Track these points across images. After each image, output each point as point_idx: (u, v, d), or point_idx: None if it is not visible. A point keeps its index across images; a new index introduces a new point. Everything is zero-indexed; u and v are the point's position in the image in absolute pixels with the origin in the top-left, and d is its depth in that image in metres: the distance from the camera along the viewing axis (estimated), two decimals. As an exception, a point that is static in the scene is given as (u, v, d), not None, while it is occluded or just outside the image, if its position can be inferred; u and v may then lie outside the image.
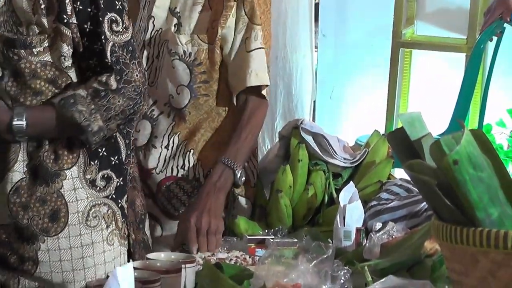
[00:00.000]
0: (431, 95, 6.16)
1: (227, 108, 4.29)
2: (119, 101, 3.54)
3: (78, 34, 3.64)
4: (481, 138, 2.11)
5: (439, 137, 2.30)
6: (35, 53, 3.54)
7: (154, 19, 4.28)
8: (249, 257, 3.37)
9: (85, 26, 3.62)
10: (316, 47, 6.50)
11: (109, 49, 3.58)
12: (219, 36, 4.16)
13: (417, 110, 5.90)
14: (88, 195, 3.60)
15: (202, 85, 4.16)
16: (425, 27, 6.42)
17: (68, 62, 3.58)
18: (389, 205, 3.45)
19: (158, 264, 3.19)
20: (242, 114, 4.17)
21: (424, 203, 3.36)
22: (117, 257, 3.71)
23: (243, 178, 4.01)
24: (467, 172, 2.02)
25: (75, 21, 3.59)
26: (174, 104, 4.25)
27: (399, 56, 6.32)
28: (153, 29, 4.29)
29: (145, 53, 4.36)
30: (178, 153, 4.24)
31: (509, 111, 6.11)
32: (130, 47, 3.64)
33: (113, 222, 3.66)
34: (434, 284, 2.79)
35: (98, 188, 3.60)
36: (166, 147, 4.23)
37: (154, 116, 4.25)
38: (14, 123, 3.47)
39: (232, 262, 3.35)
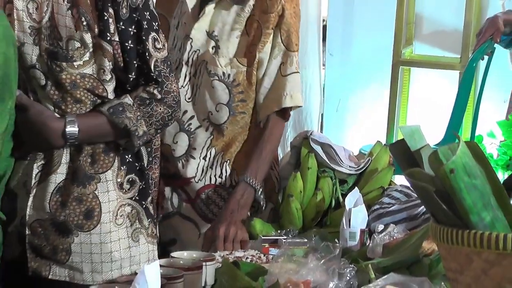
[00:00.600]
0: (428, 108, 6.15)
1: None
2: (160, 109, 3.70)
3: (119, 50, 3.74)
4: (475, 148, 2.11)
5: (436, 147, 2.30)
6: (76, 66, 3.64)
7: (192, 40, 4.24)
8: (264, 256, 3.37)
9: (127, 44, 3.73)
10: (323, 65, 6.52)
11: (152, 64, 3.73)
12: (257, 60, 4.10)
13: (415, 122, 5.90)
14: (117, 196, 3.69)
15: (239, 103, 4.15)
16: (422, 47, 6.41)
17: (107, 76, 3.68)
18: (390, 209, 3.46)
19: (181, 262, 3.21)
20: (263, 133, 4.20)
21: (422, 207, 3.36)
22: (144, 253, 3.78)
23: (262, 196, 4.00)
24: (462, 180, 2.03)
25: (117, 39, 3.72)
26: (213, 120, 4.23)
27: (399, 73, 6.32)
28: (190, 49, 4.24)
29: (183, 70, 4.32)
30: (215, 163, 4.25)
31: (499, 123, 6.09)
32: (168, 62, 3.82)
33: (137, 221, 3.75)
34: (431, 281, 2.79)
35: (124, 190, 3.70)
36: (204, 158, 4.24)
37: (192, 130, 4.24)
38: (68, 129, 3.56)
39: (248, 260, 3.36)
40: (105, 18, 3.66)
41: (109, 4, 3.67)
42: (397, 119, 6.30)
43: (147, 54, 3.74)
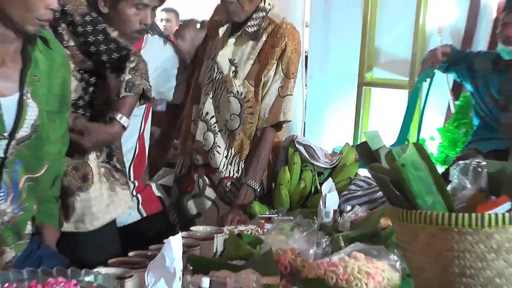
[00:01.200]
0: (384, 118, 6.15)
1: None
2: (141, 66, 3.57)
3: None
4: (420, 148, 2.23)
5: (390, 147, 2.36)
6: None
7: (217, 64, 4.20)
8: (260, 229, 3.38)
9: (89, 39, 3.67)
10: (306, 86, 6.49)
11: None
12: (262, 82, 4.12)
13: (375, 128, 5.91)
14: (96, 162, 3.65)
15: (248, 115, 4.15)
16: (380, 72, 6.38)
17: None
18: (356, 194, 3.51)
19: (198, 234, 3.22)
20: (260, 142, 4.14)
21: (380, 192, 3.38)
22: (121, 198, 3.74)
23: (260, 191, 3.97)
24: (410, 172, 2.12)
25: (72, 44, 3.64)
26: (229, 127, 4.20)
27: (362, 92, 6.31)
28: (217, 71, 4.21)
29: (212, 86, 4.26)
30: (234, 161, 4.21)
31: (438, 129, 6.12)
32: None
33: (111, 177, 3.72)
34: (387, 248, 2.81)
35: (97, 156, 3.65)
36: (226, 156, 4.20)
37: (216, 131, 4.21)
38: (125, 125, 3.48)
39: (249, 232, 3.35)
40: (59, 32, 3.54)
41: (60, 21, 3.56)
42: (361, 126, 6.29)
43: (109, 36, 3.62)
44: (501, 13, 5.58)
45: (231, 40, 4.19)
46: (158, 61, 4.01)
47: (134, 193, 3.95)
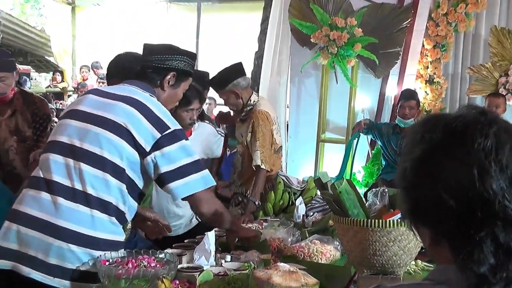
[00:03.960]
0: (332, 161, 6.06)
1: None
2: None
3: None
4: (350, 182, 2.22)
5: (333, 179, 2.35)
6: None
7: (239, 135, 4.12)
8: (260, 226, 3.32)
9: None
10: (287, 141, 6.41)
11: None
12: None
13: (326, 168, 5.88)
14: None
15: (242, 157, 4.06)
16: (329, 134, 6.31)
17: None
18: (315, 206, 3.44)
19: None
20: (257, 173, 3.90)
21: (327, 206, 3.38)
22: None
23: (258, 204, 3.79)
24: (344, 196, 2.14)
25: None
26: (237, 165, 4.11)
27: (319, 146, 6.24)
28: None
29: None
30: (244, 182, 4.09)
31: (362, 167, 6.10)
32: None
33: None
34: (332, 238, 2.78)
35: None
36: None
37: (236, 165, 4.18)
38: None
39: (253, 228, 3.29)
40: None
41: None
42: (319, 165, 6.21)
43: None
44: (398, 100, 5.64)
45: (238, 124, 4.11)
46: (204, 134, 3.92)
47: None
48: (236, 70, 4.01)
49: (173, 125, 2.29)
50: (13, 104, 3.36)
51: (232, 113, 4.43)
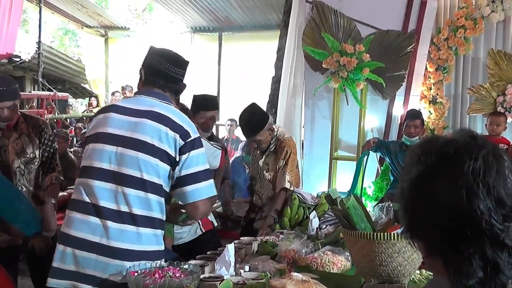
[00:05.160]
0: (344, 178, 6.03)
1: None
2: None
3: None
4: (358, 198, 2.20)
5: (343, 194, 2.35)
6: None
7: (262, 164, 4.17)
8: (277, 239, 3.30)
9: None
10: (302, 158, 6.36)
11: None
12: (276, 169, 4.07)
13: (338, 184, 5.85)
14: None
15: (272, 183, 4.07)
16: (341, 152, 6.33)
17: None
18: (327, 219, 3.41)
19: (243, 241, 3.09)
20: (276, 199, 3.96)
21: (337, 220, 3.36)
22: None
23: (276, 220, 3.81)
24: (352, 211, 2.11)
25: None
26: (262, 187, 4.17)
27: (332, 163, 6.24)
28: (261, 169, 4.15)
29: (258, 175, 4.23)
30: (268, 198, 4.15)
31: (372, 182, 6.06)
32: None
33: None
34: (343, 249, 2.77)
35: None
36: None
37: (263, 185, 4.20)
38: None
39: (271, 240, 3.26)
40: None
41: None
42: (332, 181, 6.20)
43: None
44: (404, 120, 5.64)
45: (265, 155, 4.12)
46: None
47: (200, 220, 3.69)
48: (262, 111, 4.17)
49: (194, 133, 2.30)
50: (18, 127, 3.31)
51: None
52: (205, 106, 4.02)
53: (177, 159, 2.25)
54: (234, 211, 5.23)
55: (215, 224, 3.91)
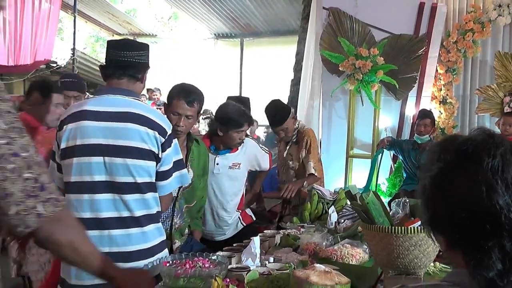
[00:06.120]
0: (360, 175, 6.01)
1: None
2: None
3: None
4: (376, 194, 2.19)
5: (361, 190, 2.34)
6: None
7: (288, 155, 4.20)
8: (298, 232, 3.28)
9: None
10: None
11: None
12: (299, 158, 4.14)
13: (354, 181, 5.81)
14: None
15: (296, 173, 4.18)
16: (356, 150, 6.29)
17: None
18: (345, 214, 3.36)
19: (267, 234, 3.09)
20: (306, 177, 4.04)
21: (357, 214, 3.33)
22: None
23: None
24: (371, 206, 2.12)
25: None
26: (287, 177, 4.20)
27: (348, 161, 6.22)
28: (286, 159, 4.19)
29: (283, 165, 4.27)
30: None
31: (386, 178, 6.04)
32: None
33: None
34: (361, 242, 2.73)
35: None
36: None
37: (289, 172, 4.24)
38: None
39: (292, 233, 3.23)
40: None
41: None
42: (349, 178, 6.18)
43: None
44: (415, 119, 5.60)
45: (289, 145, 4.18)
46: (250, 149, 3.79)
47: (240, 215, 3.74)
48: (284, 103, 4.28)
49: (168, 127, 2.25)
50: None
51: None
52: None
53: (160, 156, 2.21)
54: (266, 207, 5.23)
55: (254, 218, 3.90)
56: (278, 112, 4.09)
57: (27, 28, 8.55)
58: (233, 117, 3.47)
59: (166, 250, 2.35)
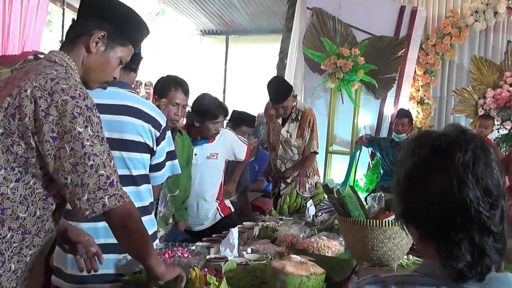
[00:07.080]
0: (338, 169, 6.04)
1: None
2: None
3: None
4: (353, 188, 2.17)
5: (339, 185, 2.32)
6: None
7: (282, 134, 4.22)
8: (276, 224, 3.27)
9: None
10: None
11: None
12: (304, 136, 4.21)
13: (333, 176, 5.82)
14: None
15: (298, 149, 4.23)
16: (336, 146, 6.32)
17: None
18: (323, 207, 3.36)
19: (246, 225, 3.04)
20: (306, 159, 4.17)
21: (334, 208, 3.33)
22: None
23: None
24: (347, 200, 2.10)
25: None
26: (285, 156, 4.28)
27: (328, 157, 6.24)
28: (282, 137, 4.21)
29: (279, 144, 4.28)
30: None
31: (364, 175, 6.06)
32: None
33: None
34: (338, 234, 2.75)
35: None
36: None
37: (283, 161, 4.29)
38: None
39: (271, 225, 3.24)
40: None
41: None
42: (327, 173, 6.21)
43: None
44: (394, 118, 5.63)
45: (287, 123, 4.20)
46: (228, 140, 3.71)
47: (218, 206, 3.69)
48: (285, 81, 4.34)
49: (163, 120, 2.21)
50: None
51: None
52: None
53: (154, 149, 2.19)
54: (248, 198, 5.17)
55: (232, 209, 3.86)
56: (282, 90, 4.12)
57: (15, 18, 8.43)
58: (209, 109, 3.43)
59: (158, 240, 2.32)
